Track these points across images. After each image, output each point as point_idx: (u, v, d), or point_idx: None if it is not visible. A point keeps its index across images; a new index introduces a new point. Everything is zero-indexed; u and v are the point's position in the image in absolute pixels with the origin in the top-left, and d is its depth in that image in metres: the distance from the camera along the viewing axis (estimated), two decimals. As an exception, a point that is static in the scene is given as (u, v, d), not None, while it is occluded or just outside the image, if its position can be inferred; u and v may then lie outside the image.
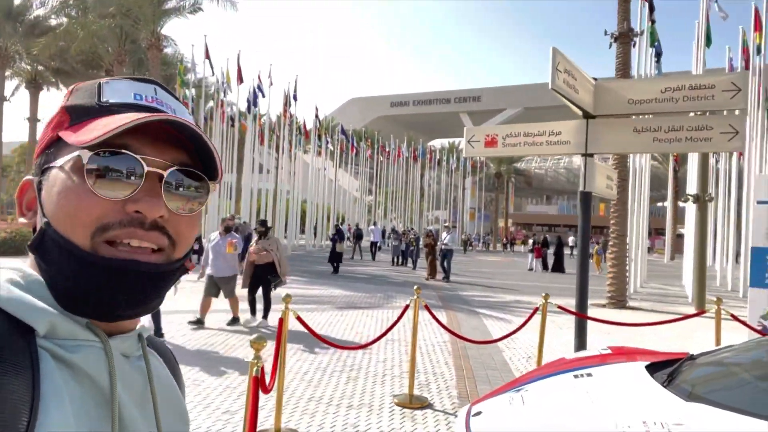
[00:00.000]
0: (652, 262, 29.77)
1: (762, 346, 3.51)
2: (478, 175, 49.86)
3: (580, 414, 2.77)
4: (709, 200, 12.82)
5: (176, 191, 0.63)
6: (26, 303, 0.57)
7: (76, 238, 0.59)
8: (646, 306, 12.97)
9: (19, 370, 0.53)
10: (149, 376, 0.67)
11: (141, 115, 0.60)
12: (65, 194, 0.60)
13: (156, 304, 0.65)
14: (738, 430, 2.37)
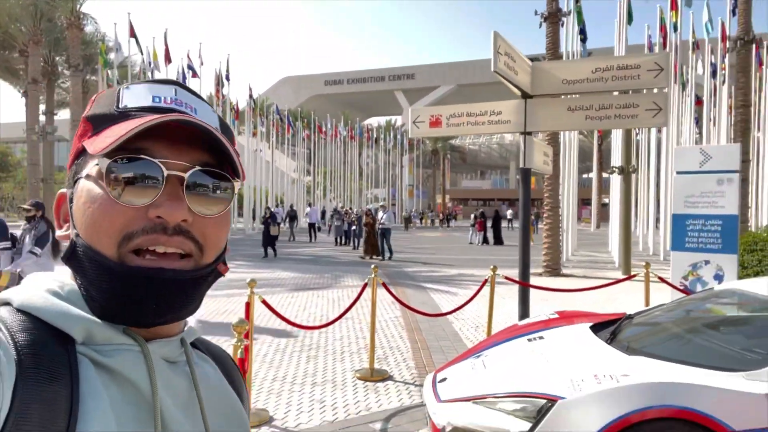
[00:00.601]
0: (580, 231, 31.44)
1: (687, 304, 3.95)
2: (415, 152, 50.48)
3: (537, 372, 3.06)
4: (632, 171, 13.73)
5: (199, 193, 0.61)
6: (62, 311, 0.58)
7: (103, 249, 0.58)
8: (578, 273, 13.82)
9: (57, 377, 0.54)
10: (194, 381, 0.66)
11: (153, 117, 0.58)
12: (89, 204, 0.60)
13: (190, 310, 0.63)
14: (672, 376, 2.72)
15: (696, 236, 7.81)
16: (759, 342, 3.05)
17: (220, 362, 0.77)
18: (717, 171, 7.61)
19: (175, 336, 0.66)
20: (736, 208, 7.49)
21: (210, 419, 0.66)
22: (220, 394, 0.71)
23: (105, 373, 0.58)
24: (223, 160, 0.64)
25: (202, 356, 0.74)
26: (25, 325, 0.56)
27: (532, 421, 2.73)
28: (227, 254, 0.69)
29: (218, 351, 0.80)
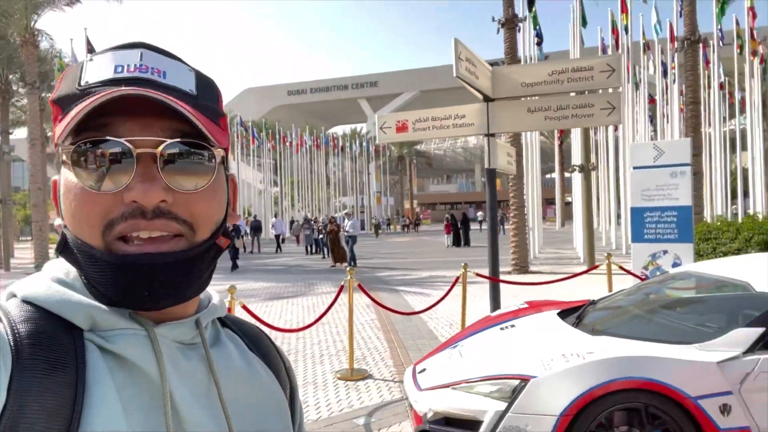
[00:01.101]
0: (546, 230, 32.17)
1: (646, 288, 4.22)
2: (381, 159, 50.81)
3: (510, 356, 3.26)
4: (592, 169, 14.22)
5: (177, 168, 0.56)
6: (64, 299, 0.56)
7: (89, 239, 0.56)
8: (545, 269, 14.22)
9: (60, 365, 0.52)
10: (209, 363, 0.62)
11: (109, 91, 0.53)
12: (67, 194, 0.57)
13: (193, 290, 0.60)
14: (633, 351, 2.95)
15: (654, 227, 8.16)
16: (710, 317, 3.32)
17: (253, 342, 0.73)
18: (670, 165, 8.00)
19: (189, 317, 0.62)
20: (689, 199, 7.89)
21: (232, 403, 0.62)
22: (245, 375, 0.67)
23: (112, 359, 0.56)
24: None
25: (230, 335, 0.71)
26: (28, 315, 0.55)
27: (508, 400, 2.92)
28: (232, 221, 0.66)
29: (251, 330, 0.77)
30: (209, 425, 0.59)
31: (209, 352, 0.63)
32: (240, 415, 0.63)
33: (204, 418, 0.59)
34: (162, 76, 0.59)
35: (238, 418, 0.62)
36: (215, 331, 0.69)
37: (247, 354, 0.70)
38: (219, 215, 0.62)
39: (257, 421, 0.65)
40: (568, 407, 2.77)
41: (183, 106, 0.55)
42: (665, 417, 2.79)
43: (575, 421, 2.77)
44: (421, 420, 3.24)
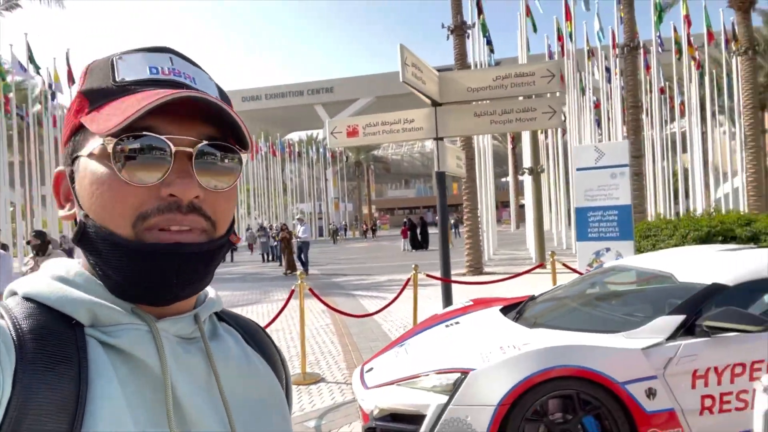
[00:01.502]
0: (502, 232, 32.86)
1: (582, 282, 4.42)
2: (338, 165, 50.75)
3: (452, 351, 3.36)
4: (540, 172, 14.68)
5: (208, 168, 0.60)
6: (65, 295, 0.58)
7: (118, 229, 0.57)
8: (499, 270, 14.53)
9: (63, 360, 0.53)
10: (209, 356, 0.64)
11: (159, 93, 0.57)
12: (98, 185, 0.58)
13: (207, 281, 0.64)
14: (566, 341, 3.11)
15: (597, 226, 8.47)
16: (638, 307, 3.52)
17: (249, 335, 0.76)
18: (610, 166, 8.34)
19: (188, 312, 0.65)
20: (628, 198, 8.24)
21: (232, 395, 0.64)
22: (243, 368, 0.69)
23: (114, 354, 0.57)
24: (227, 131, 0.63)
25: (228, 329, 0.73)
26: (30, 312, 0.56)
27: (449, 393, 3.02)
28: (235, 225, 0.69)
29: (248, 324, 0.79)
30: (210, 417, 0.61)
31: (209, 346, 0.65)
32: (240, 407, 0.65)
33: (205, 410, 0.61)
34: (193, 82, 0.63)
35: (237, 409, 0.64)
36: (213, 325, 0.71)
37: (245, 347, 0.72)
38: (233, 214, 0.66)
39: (256, 412, 0.67)
40: (504, 397, 2.88)
41: (230, 110, 0.60)
42: (596, 402, 2.95)
43: (512, 410, 2.89)
44: (368, 418, 3.30)
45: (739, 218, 8.67)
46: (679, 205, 22.28)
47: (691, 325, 3.08)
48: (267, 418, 0.68)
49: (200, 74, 0.65)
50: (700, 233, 8.46)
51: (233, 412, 0.63)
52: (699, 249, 4.21)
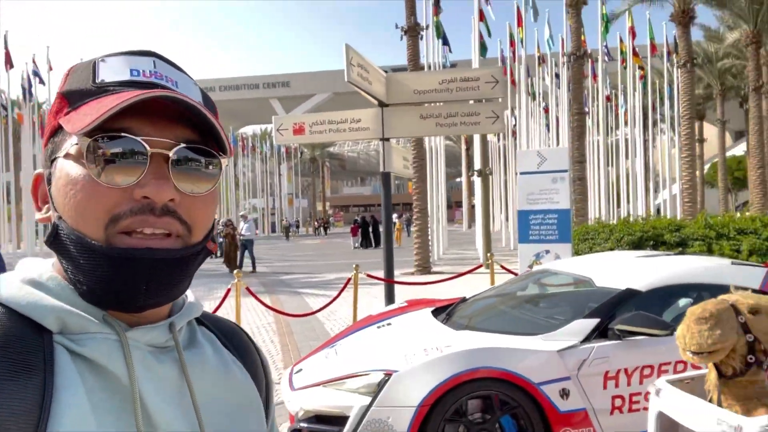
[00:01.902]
0: (454, 232, 33.38)
1: (511, 284, 4.55)
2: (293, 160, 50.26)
3: (379, 353, 3.40)
4: (489, 174, 14.97)
5: (185, 171, 0.59)
6: (34, 301, 0.56)
7: (89, 232, 0.56)
8: (447, 269, 14.74)
9: (27, 369, 0.52)
10: (183, 368, 0.62)
11: (134, 93, 0.56)
12: (72, 186, 0.57)
13: (180, 290, 0.61)
14: (486, 343, 3.20)
15: (537, 229, 8.71)
16: (558, 310, 3.66)
17: (228, 339, 0.74)
18: (551, 171, 8.58)
19: (162, 321, 0.63)
20: (568, 203, 8.50)
21: (206, 406, 0.63)
22: (220, 377, 0.67)
23: (82, 363, 0.56)
24: (208, 136, 0.62)
25: (206, 335, 0.71)
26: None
27: (373, 394, 3.06)
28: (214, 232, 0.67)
29: (228, 327, 0.77)
30: (182, 429, 0.59)
31: (182, 356, 0.63)
32: (214, 418, 0.63)
33: (177, 422, 0.59)
34: (175, 85, 0.62)
35: (211, 421, 0.63)
36: (191, 331, 0.69)
37: (223, 354, 0.70)
38: (211, 221, 0.64)
39: (231, 423, 0.66)
40: (425, 398, 2.95)
41: (208, 114, 0.59)
42: (513, 402, 3.05)
43: (432, 411, 2.96)
44: (294, 419, 3.30)
45: (670, 224, 9.11)
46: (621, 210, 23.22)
47: (604, 328, 3.23)
48: (243, 428, 0.67)
49: (184, 79, 0.64)
50: (633, 238, 8.84)
51: (206, 424, 0.62)
52: (618, 255, 4.41)
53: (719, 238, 8.38)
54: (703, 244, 8.28)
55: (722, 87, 31.51)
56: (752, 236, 8.29)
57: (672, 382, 2.18)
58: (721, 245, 8.15)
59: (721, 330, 1.88)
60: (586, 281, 3.70)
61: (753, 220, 8.83)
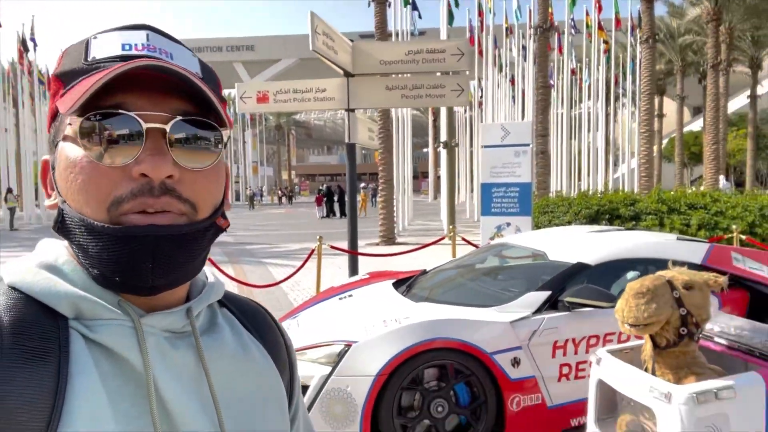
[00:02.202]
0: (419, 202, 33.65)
1: (470, 257, 4.68)
2: (258, 127, 49.34)
3: (340, 324, 3.48)
4: (454, 146, 15.06)
5: (184, 145, 0.57)
6: (49, 286, 0.56)
7: (93, 214, 0.55)
8: (411, 241, 14.93)
9: (42, 355, 0.52)
10: (200, 354, 0.61)
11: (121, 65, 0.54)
12: (71, 169, 0.56)
13: (192, 270, 0.60)
14: (443, 315, 3.31)
15: (500, 202, 8.87)
16: (513, 283, 3.80)
17: (250, 321, 0.73)
18: (514, 144, 8.71)
19: (180, 306, 0.62)
20: (529, 176, 8.67)
21: (224, 393, 0.62)
22: (239, 362, 0.66)
23: (97, 349, 0.55)
24: (207, 108, 0.60)
25: (228, 318, 0.70)
26: (12, 303, 0.55)
27: (333, 364, 3.14)
28: (226, 209, 0.65)
29: (250, 308, 0.76)
30: (198, 417, 0.59)
31: (199, 342, 0.62)
32: (232, 405, 0.63)
33: (193, 409, 0.58)
34: (169, 57, 0.59)
35: (229, 408, 0.62)
36: (211, 313, 0.69)
37: (243, 337, 0.69)
38: (218, 197, 0.62)
39: (250, 410, 0.65)
40: (383, 368, 3.05)
41: (199, 81, 0.57)
42: (467, 371, 3.19)
43: (390, 380, 3.07)
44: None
45: (625, 198, 9.41)
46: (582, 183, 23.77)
47: (555, 300, 3.38)
48: (261, 414, 0.66)
49: (180, 50, 0.62)
50: (591, 211, 9.12)
51: (224, 410, 0.61)
52: (572, 230, 4.57)
53: (671, 212, 8.72)
54: (655, 218, 8.61)
55: (683, 63, 32.27)
56: (702, 211, 8.66)
57: (612, 352, 2.33)
58: (672, 219, 8.50)
59: (656, 304, 2.01)
60: (540, 255, 3.84)
61: (703, 196, 9.21)
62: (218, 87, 0.65)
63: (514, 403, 3.22)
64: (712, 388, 1.94)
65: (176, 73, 0.55)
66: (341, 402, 3.05)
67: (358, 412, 3.03)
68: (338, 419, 3.04)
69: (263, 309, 0.78)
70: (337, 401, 3.04)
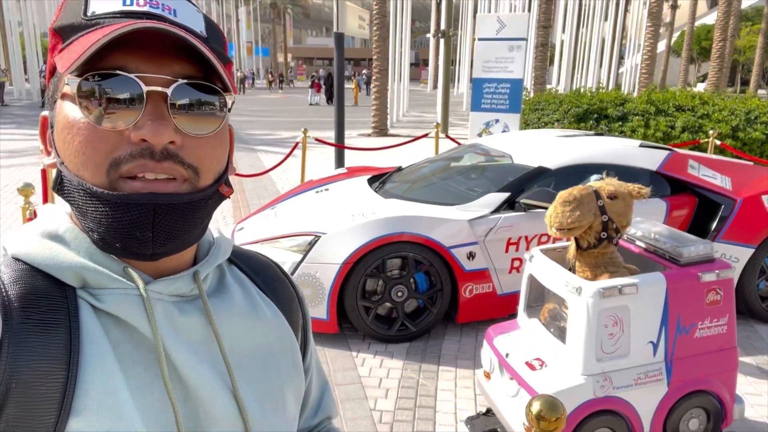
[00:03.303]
0: (417, 92, 32.99)
1: (443, 157, 4.87)
2: (252, 4, 46.84)
3: (312, 216, 3.75)
4: (452, 35, 14.57)
5: (186, 110, 0.55)
6: (53, 257, 0.55)
7: (91, 178, 0.54)
8: (404, 133, 14.95)
9: (51, 327, 0.52)
10: (209, 317, 0.61)
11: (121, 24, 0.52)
12: (68, 130, 0.54)
13: (194, 237, 0.59)
14: (408, 211, 3.57)
15: (490, 98, 8.82)
16: (478, 183, 4.03)
17: (260, 276, 0.73)
18: (509, 38, 8.51)
19: (186, 270, 0.62)
20: (521, 72, 8.56)
21: (234, 354, 0.62)
22: (249, 320, 0.66)
23: (106, 317, 0.56)
24: (211, 70, 0.57)
25: (237, 276, 0.71)
26: (18, 275, 0.54)
27: (303, 252, 3.46)
28: (231, 174, 0.65)
29: (259, 263, 0.76)
30: (210, 377, 0.59)
31: (207, 305, 0.62)
32: (243, 365, 0.63)
33: (205, 372, 0.59)
34: (173, 14, 0.57)
35: (241, 369, 0.63)
36: (219, 273, 0.68)
37: (252, 295, 0.69)
38: (222, 163, 0.61)
39: (262, 369, 0.65)
40: (348, 257, 3.37)
41: (202, 46, 0.54)
42: (426, 262, 3.51)
43: (354, 267, 3.40)
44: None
45: (616, 98, 9.38)
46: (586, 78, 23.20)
47: (513, 201, 3.63)
48: (275, 371, 0.67)
49: (184, 6, 0.58)
50: (579, 111, 9.14)
51: (236, 370, 0.62)
52: (541, 134, 4.72)
53: (658, 114, 8.76)
54: (641, 119, 8.67)
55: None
56: (688, 113, 8.70)
57: (544, 251, 2.61)
58: (658, 121, 8.57)
59: (580, 212, 2.25)
60: (507, 157, 4.03)
61: (693, 97, 9.18)
62: (223, 46, 0.63)
63: (467, 291, 3.59)
64: (617, 284, 2.24)
65: (179, 37, 0.53)
66: (310, 286, 3.40)
67: (325, 295, 3.40)
68: (307, 300, 3.41)
69: (273, 263, 0.78)
70: (307, 285, 3.40)
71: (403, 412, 2.92)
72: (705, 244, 2.44)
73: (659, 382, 2.35)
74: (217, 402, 0.59)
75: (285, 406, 0.67)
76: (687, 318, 2.35)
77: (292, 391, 0.69)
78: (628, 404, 2.31)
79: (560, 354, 2.37)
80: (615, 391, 2.29)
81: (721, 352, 2.42)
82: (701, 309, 2.36)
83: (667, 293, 2.30)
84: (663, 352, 2.34)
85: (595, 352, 2.25)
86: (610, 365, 2.28)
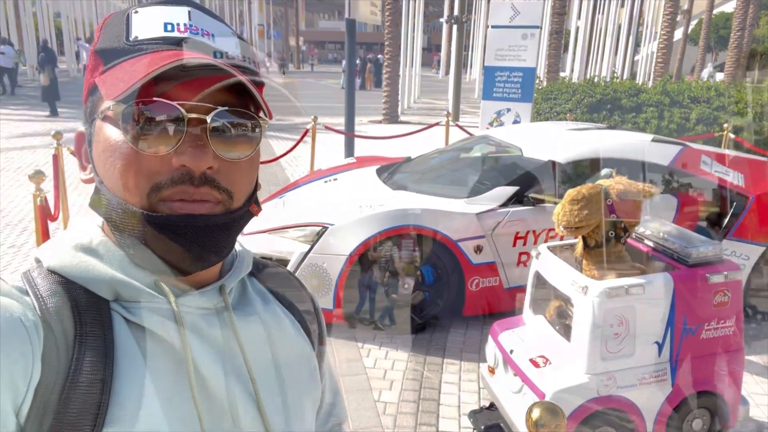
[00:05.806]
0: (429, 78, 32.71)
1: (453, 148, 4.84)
2: (265, -13, 46.45)
3: (321, 207, 3.76)
4: (465, 21, 14.40)
5: (224, 137, 0.57)
6: (88, 270, 0.58)
7: (132, 199, 0.56)
8: (414, 120, 14.88)
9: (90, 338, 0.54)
10: (234, 330, 0.64)
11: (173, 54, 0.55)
12: (110, 153, 0.57)
13: (225, 253, 0.61)
14: (416, 204, 3.57)
15: (502, 86, 8.71)
16: (487, 176, 4.00)
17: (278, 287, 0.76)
18: (523, 26, 8.39)
19: (212, 283, 0.64)
20: (534, 61, 8.45)
21: (257, 366, 0.65)
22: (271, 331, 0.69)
23: (137, 330, 0.58)
24: (247, 95, 0.59)
25: (257, 288, 0.73)
26: (54, 288, 0.56)
27: (311, 243, 3.47)
28: (259, 191, 0.67)
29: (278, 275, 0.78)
30: (236, 391, 0.62)
31: (233, 318, 0.64)
32: (266, 377, 0.66)
33: (230, 384, 0.61)
34: (211, 39, 0.59)
35: (264, 380, 0.65)
36: (242, 286, 0.71)
37: (273, 306, 0.72)
38: (253, 184, 0.63)
39: (283, 380, 0.68)
40: (355, 249, 3.37)
41: (242, 77, 0.56)
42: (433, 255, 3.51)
43: (361, 260, 3.41)
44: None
45: (630, 88, 9.25)
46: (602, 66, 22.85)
47: (521, 195, 3.62)
48: (294, 381, 0.69)
49: (221, 29, 0.61)
50: (593, 100, 9.03)
51: (258, 380, 0.64)
52: (552, 126, 4.67)
53: (673, 105, 8.63)
54: (655, 110, 8.55)
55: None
56: (703, 105, 8.57)
57: (551, 248, 2.60)
58: (672, 113, 8.45)
59: (588, 210, 2.23)
60: (517, 150, 4.00)
61: (708, 89, 9.03)
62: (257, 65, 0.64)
63: (474, 284, 3.59)
64: (624, 284, 2.23)
65: (227, 71, 0.56)
66: (317, 276, 3.42)
67: (332, 285, 3.42)
68: (314, 291, 3.43)
69: (291, 274, 0.81)
70: (314, 275, 3.41)
71: (407, 404, 2.94)
72: (714, 245, 2.42)
73: (664, 382, 2.34)
74: (241, 414, 0.62)
75: (304, 415, 0.70)
76: (693, 319, 2.33)
77: (310, 400, 0.72)
78: (632, 403, 2.32)
79: (565, 352, 2.37)
80: (619, 390, 2.29)
81: (727, 353, 2.41)
82: (708, 310, 2.35)
83: (674, 294, 2.29)
84: (668, 353, 2.33)
85: (600, 351, 2.25)
86: (614, 364, 2.28)
